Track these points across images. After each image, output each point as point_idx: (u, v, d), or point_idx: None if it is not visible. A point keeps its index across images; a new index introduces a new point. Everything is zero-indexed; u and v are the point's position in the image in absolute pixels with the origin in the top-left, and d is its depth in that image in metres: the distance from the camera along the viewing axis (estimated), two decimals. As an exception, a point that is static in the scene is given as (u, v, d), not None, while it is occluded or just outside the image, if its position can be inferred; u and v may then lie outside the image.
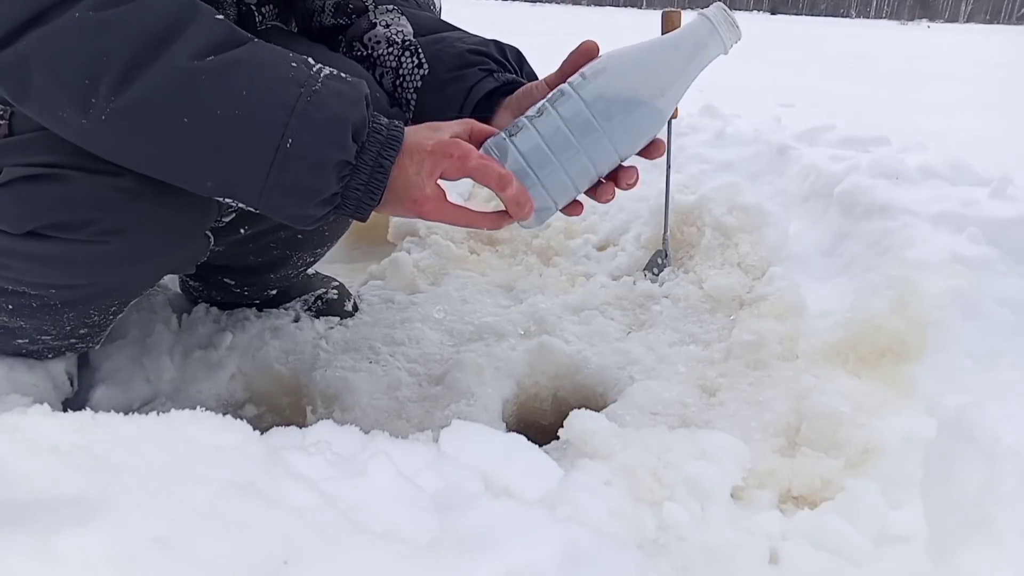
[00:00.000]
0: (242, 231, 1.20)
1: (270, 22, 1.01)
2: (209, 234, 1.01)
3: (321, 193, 0.76)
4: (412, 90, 0.99)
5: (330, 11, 1.06)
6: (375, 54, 1.02)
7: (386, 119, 0.80)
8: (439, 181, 0.80)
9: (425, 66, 0.97)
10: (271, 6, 0.99)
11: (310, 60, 0.78)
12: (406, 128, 0.80)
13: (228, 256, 1.24)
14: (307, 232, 1.26)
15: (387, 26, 1.02)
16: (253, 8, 0.97)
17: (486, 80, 0.92)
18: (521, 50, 1.01)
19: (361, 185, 0.77)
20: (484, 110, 0.92)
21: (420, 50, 0.98)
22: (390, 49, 1.00)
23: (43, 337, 1.02)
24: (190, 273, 1.35)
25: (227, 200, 0.79)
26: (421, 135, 0.80)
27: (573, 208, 0.85)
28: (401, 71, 0.99)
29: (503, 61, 0.97)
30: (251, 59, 0.74)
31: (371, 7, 1.04)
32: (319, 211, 0.78)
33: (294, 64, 0.76)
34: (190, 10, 0.73)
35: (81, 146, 0.77)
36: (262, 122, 0.73)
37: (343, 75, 0.78)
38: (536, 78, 0.93)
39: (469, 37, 1.01)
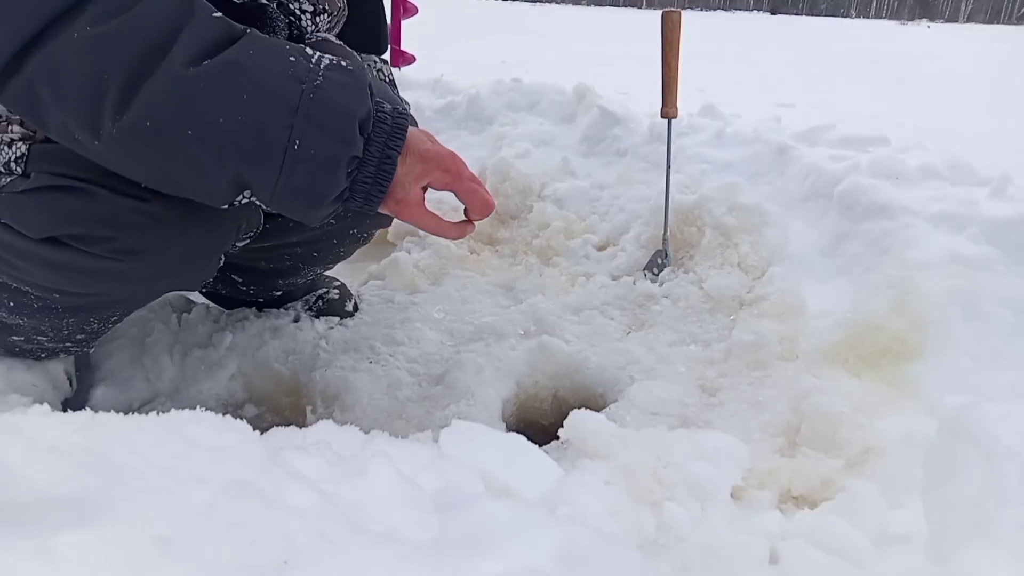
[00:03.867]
0: (263, 243, 1.19)
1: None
2: (221, 256, 1.02)
3: (333, 191, 0.75)
4: None
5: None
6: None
7: (390, 106, 0.78)
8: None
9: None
10: None
11: (307, 50, 0.75)
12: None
13: (241, 257, 1.24)
14: (323, 251, 1.27)
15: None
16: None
17: None
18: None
19: (369, 178, 0.76)
20: None
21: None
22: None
23: (39, 337, 1.02)
24: None
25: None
26: (419, 138, 0.79)
27: None
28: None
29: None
30: (249, 59, 0.71)
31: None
32: (331, 208, 0.77)
33: (292, 58, 0.73)
34: (186, 12, 0.70)
35: (102, 165, 0.75)
36: (266, 126, 0.70)
37: (343, 63, 0.76)
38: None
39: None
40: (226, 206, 0.78)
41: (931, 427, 0.75)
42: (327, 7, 0.99)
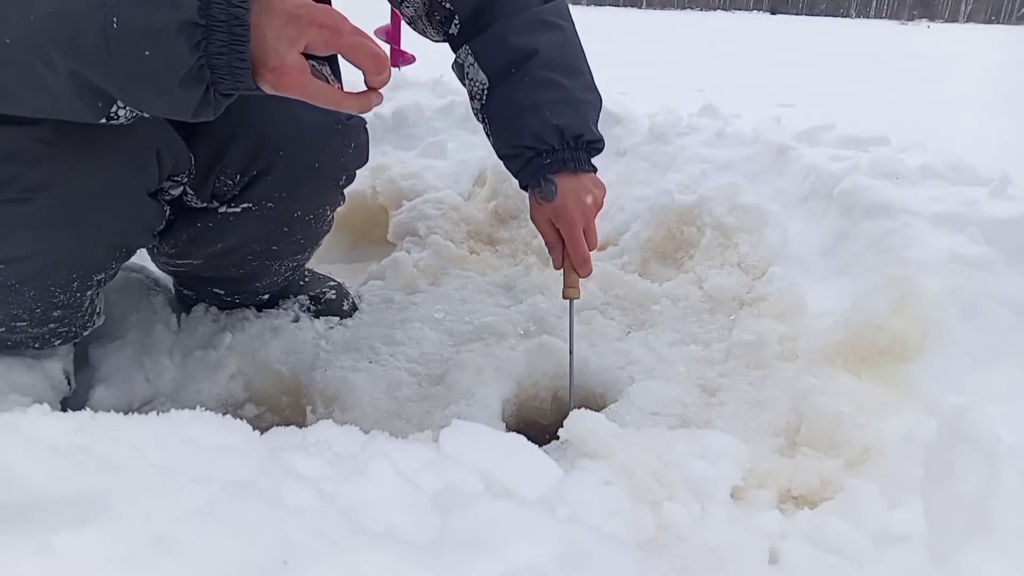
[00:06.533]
0: (217, 245, 1.18)
1: None
2: (163, 202, 0.97)
3: (178, 68, 0.67)
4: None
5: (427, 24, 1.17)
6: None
7: None
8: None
9: (491, 136, 1.18)
10: None
11: None
12: None
13: (210, 268, 1.24)
14: (281, 243, 1.22)
15: (466, 74, 1.15)
16: None
17: (525, 171, 1.15)
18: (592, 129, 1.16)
19: (223, 47, 0.67)
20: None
21: (489, 123, 1.16)
22: (475, 105, 1.18)
23: (18, 324, 1.00)
24: (182, 283, 1.35)
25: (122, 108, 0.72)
26: None
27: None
28: (484, 129, 1.19)
29: (551, 148, 1.11)
30: None
31: (454, 25, 1.15)
32: (192, 92, 0.69)
33: None
34: None
35: None
36: (76, 10, 0.64)
37: None
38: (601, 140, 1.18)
39: (539, 97, 1.10)
40: (104, 120, 0.72)
41: (931, 427, 0.76)
42: None
